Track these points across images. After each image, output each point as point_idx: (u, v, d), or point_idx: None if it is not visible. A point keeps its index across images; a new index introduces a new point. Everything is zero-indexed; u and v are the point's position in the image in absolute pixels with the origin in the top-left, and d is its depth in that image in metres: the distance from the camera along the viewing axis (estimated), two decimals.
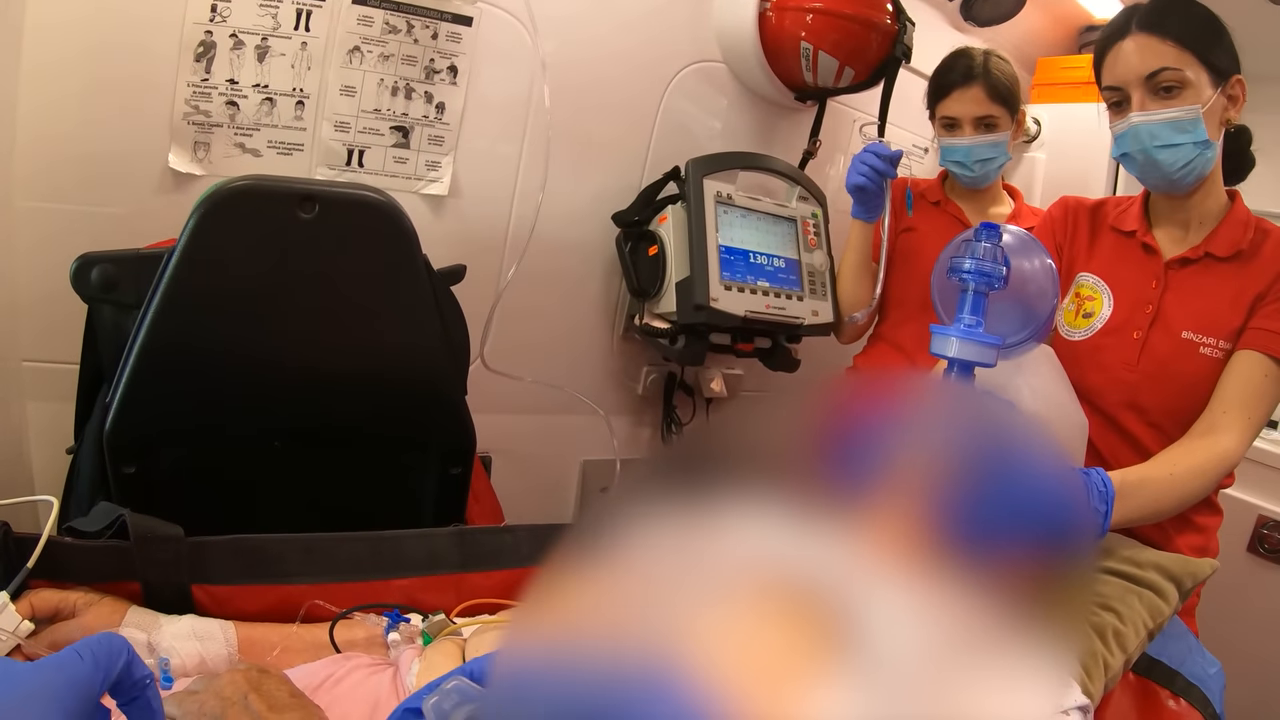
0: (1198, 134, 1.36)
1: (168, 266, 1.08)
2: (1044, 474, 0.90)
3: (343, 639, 0.96)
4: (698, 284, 1.70)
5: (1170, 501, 1.33)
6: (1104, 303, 1.52)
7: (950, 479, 0.78)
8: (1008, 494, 0.79)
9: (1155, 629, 1.27)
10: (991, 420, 0.90)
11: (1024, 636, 0.81)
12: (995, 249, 0.94)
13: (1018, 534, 0.80)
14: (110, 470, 1.15)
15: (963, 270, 0.95)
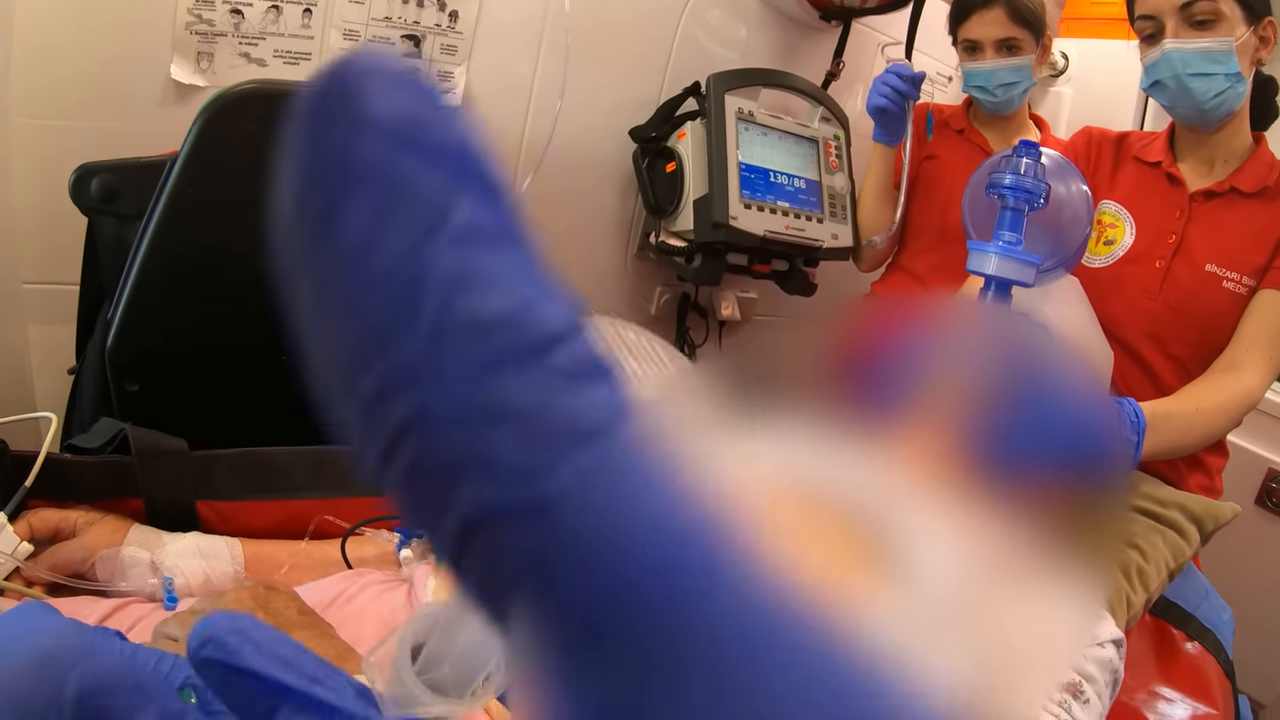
0: (1230, 66, 1.35)
1: (170, 174, 1.04)
2: (1080, 400, 0.88)
3: (354, 556, 0.93)
4: (716, 201, 1.66)
5: (1195, 436, 1.33)
6: (1126, 231, 1.51)
7: (987, 401, 0.76)
8: (1044, 417, 0.77)
9: (1176, 569, 1.26)
10: (1028, 342, 0.87)
11: (1059, 565, 0.78)
12: (1036, 165, 0.90)
13: (1053, 459, 0.77)
14: (113, 388, 1.11)
15: (1003, 186, 0.91)
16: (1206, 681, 1.24)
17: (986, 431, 0.76)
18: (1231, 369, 1.40)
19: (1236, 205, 1.46)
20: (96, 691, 0.27)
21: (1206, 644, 1.33)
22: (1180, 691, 1.21)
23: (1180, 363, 1.48)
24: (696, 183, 1.72)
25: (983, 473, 0.74)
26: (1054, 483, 0.80)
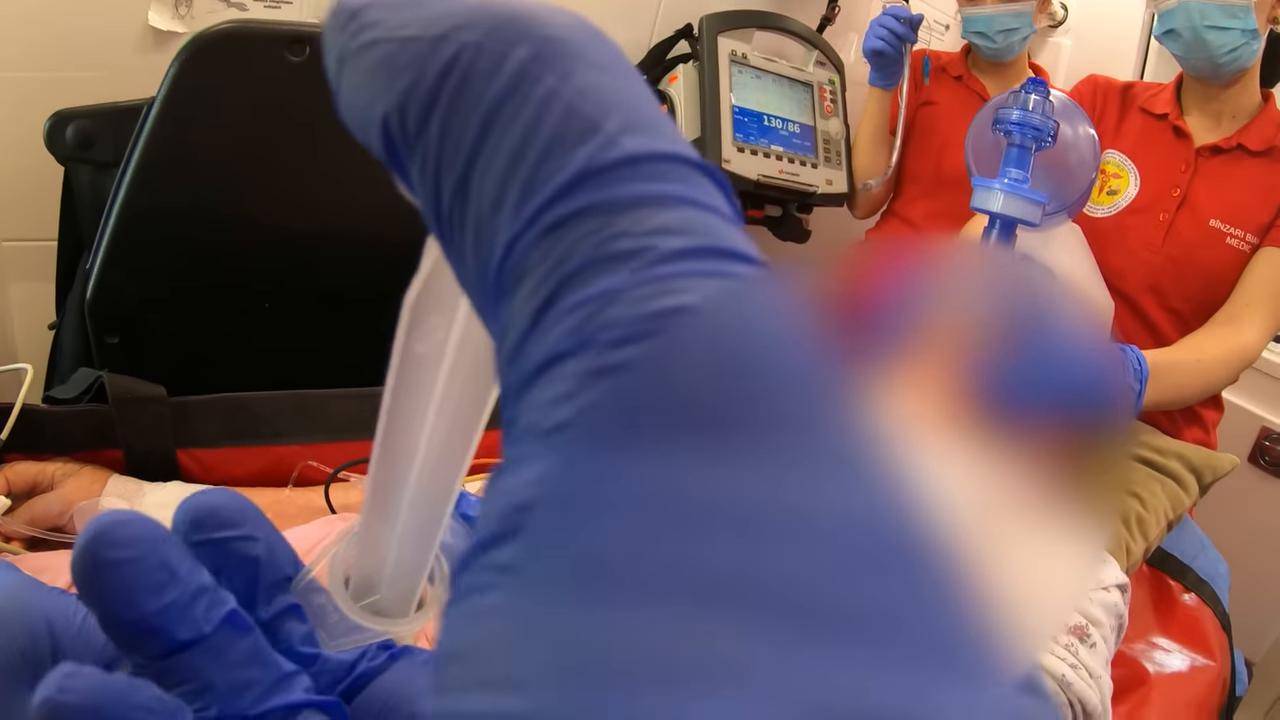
0: (1248, 22, 1.33)
1: (147, 119, 1.00)
2: (1084, 344, 0.86)
3: (338, 503, 0.91)
4: (709, 144, 1.63)
5: (1195, 388, 1.32)
6: (1130, 181, 1.50)
7: (991, 342, 0.74)
8: (1048, 360, 0.75)
9: (1175, 520, 1.25)
10: (1033, 285, 0.85)
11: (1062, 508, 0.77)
12: (1045, 102, 0.88)
13: (1056, 403, 0.76)
14: (93, 341, 1.09)
15: (1010, 121, 0.89)
16: (1204, 634, 1.24)
17: (990, 373, 0.74)
18: (1231, 323, 1.40)
19: (1243, 163, 1.45)
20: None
21: (1204, 596, 1.33)
22: (1178, 643, 1.21)
23: (1180, 316, 1.48)
24: (689, 127, 1.69)
25: (986, 414, 0.73)
26: (1057, 426, 0.79)
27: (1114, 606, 0.80)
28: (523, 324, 0.15)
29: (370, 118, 0.18)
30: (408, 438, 0.25)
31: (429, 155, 0.16)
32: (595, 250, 0.15)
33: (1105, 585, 0.80)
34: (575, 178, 0.15)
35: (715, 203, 0.16)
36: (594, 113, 0.16)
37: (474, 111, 0.16)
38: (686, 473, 0.13)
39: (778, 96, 1.76)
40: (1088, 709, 0.79)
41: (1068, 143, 1.01)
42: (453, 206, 0.16)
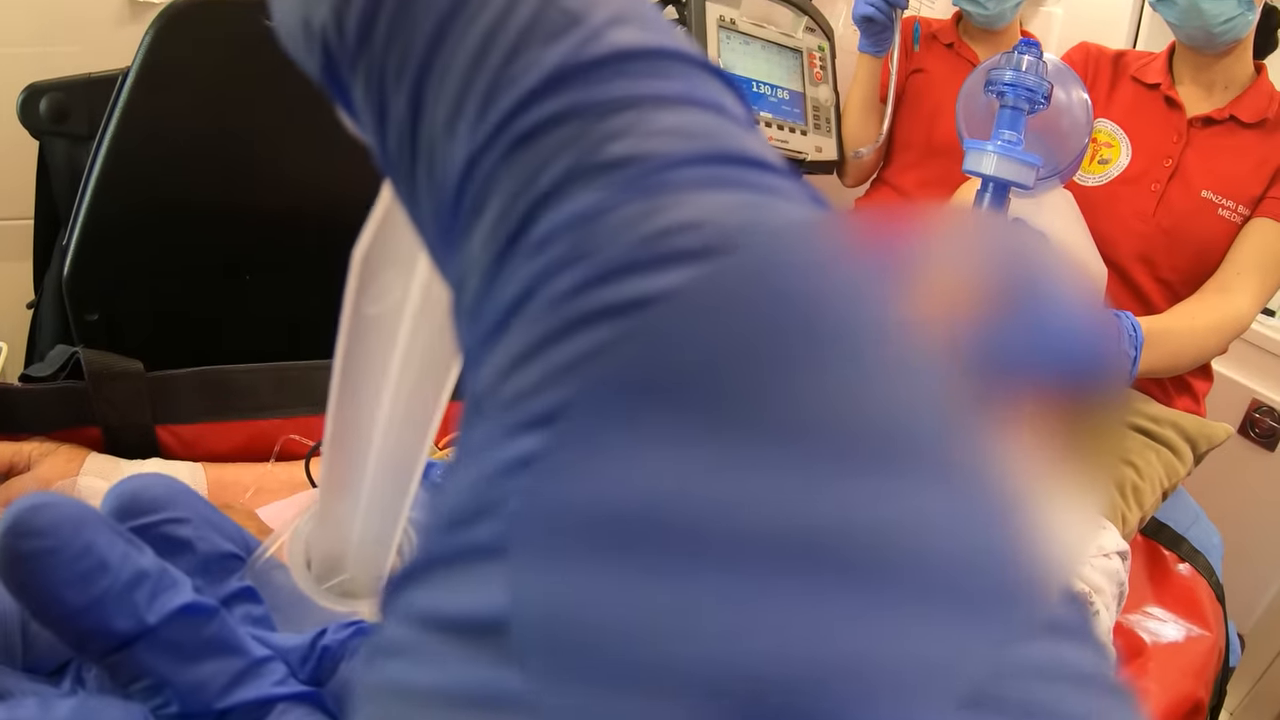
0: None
1: (122, 89, 0.98)
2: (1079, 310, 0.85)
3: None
4: None
5: (1189, 355, 1.32)
6: (1122, 151, 1.49)
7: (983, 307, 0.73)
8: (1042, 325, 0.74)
9: (1169, 489, 1.25)
10: (1025, 248, 0.84)
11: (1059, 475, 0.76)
12: (1038, 63, 0.86)
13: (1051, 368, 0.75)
14: (72, 319, 1.06)
15: (1002, 83, 0.87)
16: (1199, 604, 1.23)
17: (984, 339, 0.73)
18: (1222, 291, 1.40)
19: (1235, 134, 1.44)
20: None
21: (1198, 566, 1.32)
22: (1173, 613, 1.20)
23: (1170, 286, 1.48)
24: None
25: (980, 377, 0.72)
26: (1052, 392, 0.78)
27: (1115, 573, 0.79)
28: (484, 265, 0.12)
29: (307, 32, 0.15)
30: (363, 410, 0.22)
31: (373, 70, 0.14)
32: (576, 160, 0.12)
33: (1106, 552, 0.79)
34: (551, 76, 0.12)
35: (725, 103, 0.13)
36: (575, 3, 0.13)
37: (427, 10, 0.13)
38: (719, 492, 0.10)
39: (766, 63, 1.74)
40: None
41: (1061, 106, 1.00)
42: (403, 130, 0.13)
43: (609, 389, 0.10)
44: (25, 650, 0.24)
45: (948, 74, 1.76)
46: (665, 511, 0.09)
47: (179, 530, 0.24)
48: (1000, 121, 0.87)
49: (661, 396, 0.10)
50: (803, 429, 0.10)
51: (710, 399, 0.10)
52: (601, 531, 0.10)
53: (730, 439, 0.10)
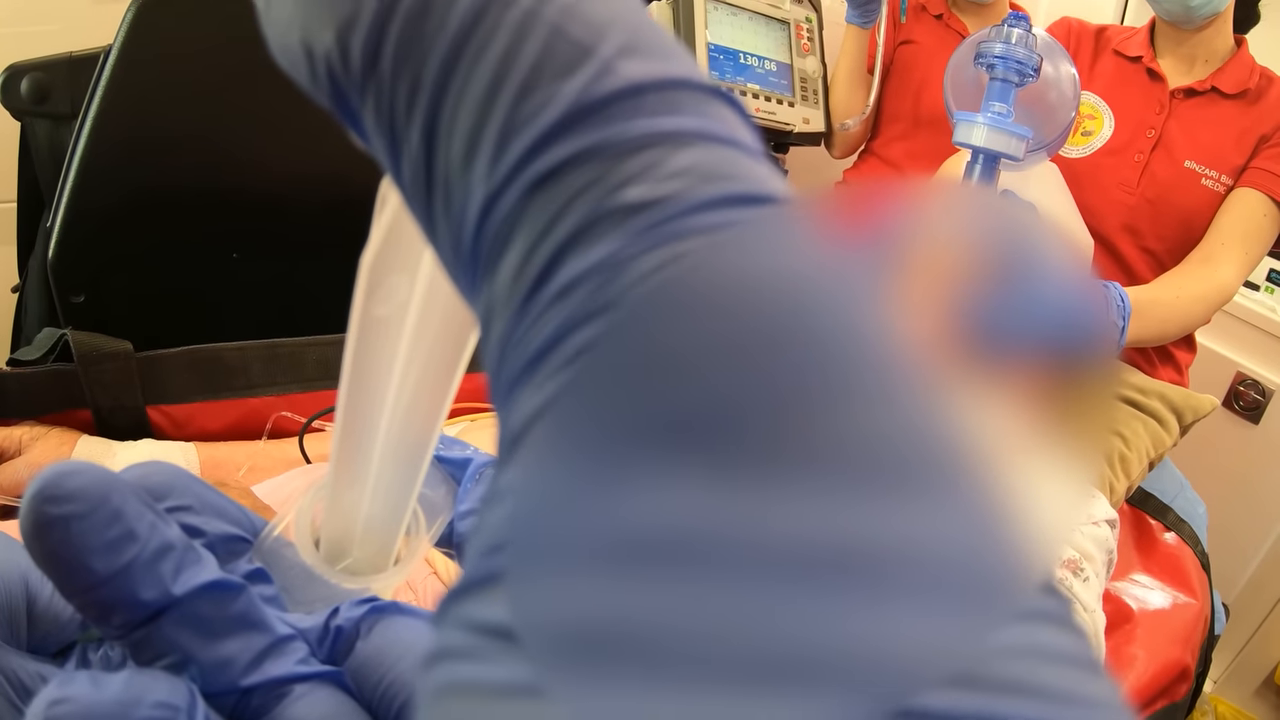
0: None
1: (105, 67, 0.97)
2: (1068, 280, 0.85)
3: (314, 453, 0.89)
4: None
5: (1175, 325, 1.34)
6: (1105, 123, 1.50)
7: (974, 279, 0.73)
8: (1032, 296, 0.74)
9: (1156, 459, 1.26)
10: (1015, 220, 0.84)
11: (1049, 444, 0.77)
12: (1028, 36, 0.86)
13: (1041, 339, 0.75)
14: (58, 302, 1.05)
15: (992, 55, 0.87)
16: (1185, 572, 1.25)
17: (974, 310, 0.73)
18: (1207, 262, 1.40)
19: (1217, 105, 1.45)
20: None
21: (1183, 535, 1.34)
22: (1160, 580, 1.22)
23: (1155, 256, 1.49)
24: None
25: (972, 351, 0.72)
26: (1042, 362, 0.78)
27: (1104, 541, 0.80)
28: (509, 309, 0.12)
29: (310, 59, 0.14)
30: (373, 406, 0.23)
31: (382, 100, 0.14)
32: (595, 206, 0.12)
33: (1095, 520, 0.80)
34: (566, 115, 0.12)
35: (738, 135, 0.13)
36: (584, 34, 0.13)
37: (434, 42, 0.13)
38: (682, 504, 0.11)
39: (754, 34, 1.73)
40: None
41: (1049, 80, 1.00)
42: (417, 162, 0.13)
43: (632, 431, 0.11)
44: (31, 630, 0.24)
45: (936, 45, 1.75)
46: (686, 534, 0.10)
47: (184, 518, 0.23)
48: (990, 94, 0.87)
49: (686, 435, 0.11)
50: (801, 461, 0.11)
51: (732, 437, 0.11)
52: (624, 552, 0.11)
53: (745, 475, 0.11)
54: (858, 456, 0.11)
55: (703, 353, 0.11)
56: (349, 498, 0.25)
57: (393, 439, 0.23)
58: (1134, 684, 1.02)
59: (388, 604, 0.25)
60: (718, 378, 0.11)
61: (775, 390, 0.11)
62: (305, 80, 0.15)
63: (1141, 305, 1.20)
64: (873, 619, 0.10)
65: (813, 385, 0.11)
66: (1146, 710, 1.02)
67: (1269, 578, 2.02)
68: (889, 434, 0.11)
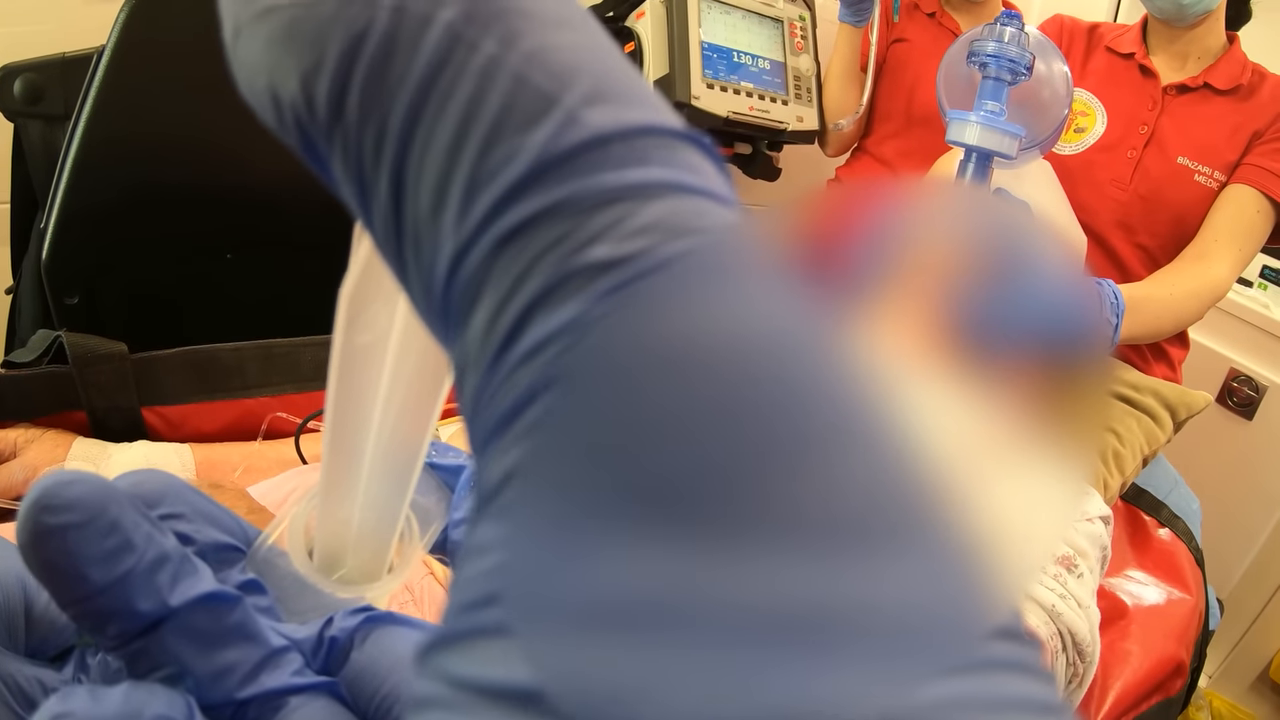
0: None
1: (98, 67, 0.97)
2: (1062, 278, 0.86)
3: (310, 454, 0.89)
4: (678, 80, 1.59)
5: (1169, 321, 1.34)
6: (1098, 119, 1.51)
7: (969, 277, 0.73)
8: (1027, 294, 0.75)
9: (1150, 456, 1.26)
10: (1009, 219, 0.84)
11: (1044, 442, 0.77)
12: (1020, 34, 0.86)
13: (1035, 336, 0.75)
14: (52, 304, 1.05)
15: (985, 54, 0.87)
16: (1179, 568, 1.25)
17: (970, 308, 0.74)
18: (1200, 258, 1.40)
19: (1210, 101, 1.45)
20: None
21: (1178, 531, 1.34)
22: (1154, 576, 1.22)
23: (1148, 253, 1.49)
24: (656, 63, 1.65)
25: (967, 350, 0.72)
26: (1037, 360, 0.78)
27: (1098, 537, 0.80)
28: (480, 367, 0.12)
29: (276, 105, 0.15)
30: (360, 425, 0.23)
31: (349, 147, 0.14)
32: (560, 265, 0.12)
33: (1089, 516, 0.80)
34: (531, 170, 0.12)
35: (707, 183, 0.13)
36: (548, 83, 0.13)
37: (399, 90, 0.13)
38: (651, 569, 0.11)
39: (747, 32, 1.73)
40: (1077, 638, 0.80)
41: (1041, 78, 1.00)
42: (386, 211, 0.13)
43: (591, 504, 0.11)
44: (29, 634, 0.24)
45: (929, 44, 1.75)
46: (644, 602, 0.11)
47: (176, 525, 0.23)
48: (983, 92, 0.87)
49: (653, 501, 0.11)
50: (755, 527, 0.11)
51: (687, 506, 0.11)
52: (603, 617, 0.11)
53: (702, 543, 0.11)
54: (813, 519, 0.11)
55: (654, 424, 0.11)
56: (341, 508, 0.24)
57: (381, 453, 0.23)
58: (1129, 680, 1.02)
59: (382, 614, 0.25)
60: (669, 449, 0.11)
61: (728, 457, 0.11)
62: (273, 124, 0.15)
63: (1135, 302, 1.21)
64: (815, 680, 0.10)
65: (766, 450, 0.11)
66: (1142, 706, 1.03)
67: (1263, 573, 2.02)
68: (846, 493, 0.11)
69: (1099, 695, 0.99)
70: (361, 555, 0.25)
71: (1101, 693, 0.99)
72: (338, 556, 0.25)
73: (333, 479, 0.24)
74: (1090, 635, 0.80)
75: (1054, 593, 0.78)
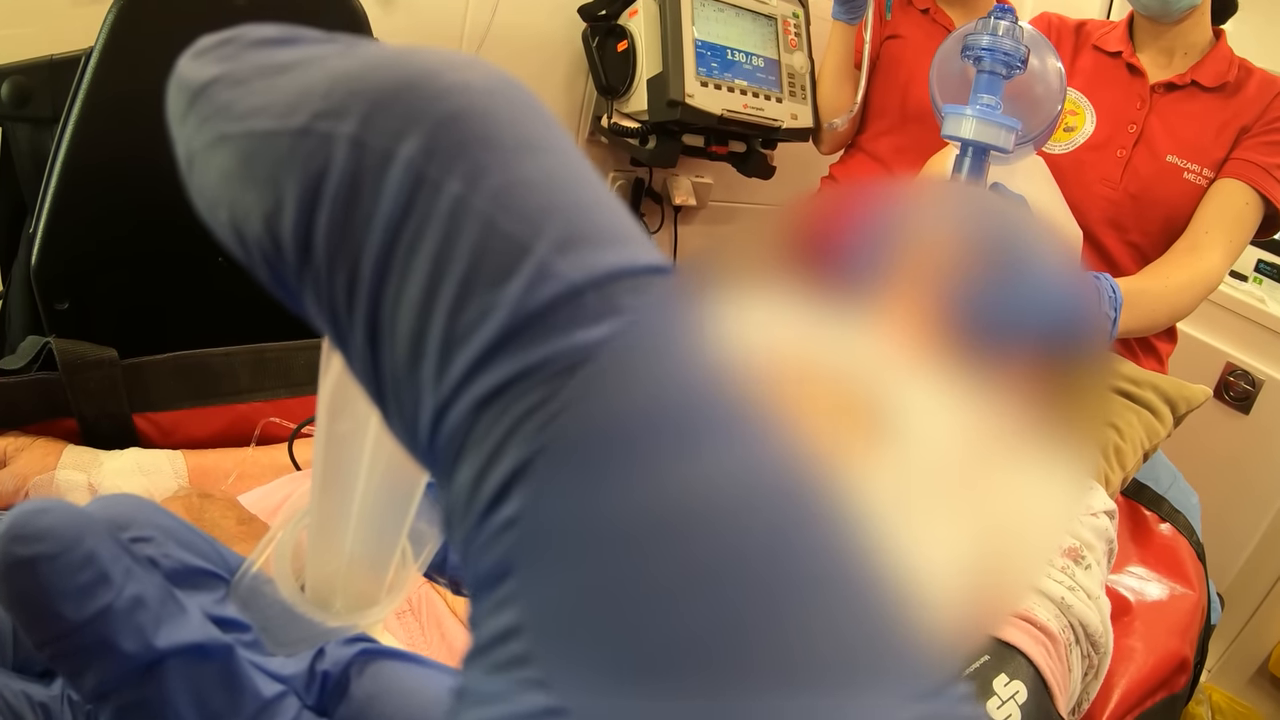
0: None
1: (86, 69, 0.96)
2: (1059, 273, 0.85)
3: (304, 459, 0.88)
4: (672, 79, 1.59)
5: (1164, 314, 1.35)
6: (1087, 119, 1.52)
7: (967, 273, 0.73)
8: (1025, 289, 0.74)
9: (1150, 450, 1.26)
10: (1005, 214, 0.84)
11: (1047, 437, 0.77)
12: (1014, 28, 0.86)
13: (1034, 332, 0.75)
14: (42, 309, 1.04)
15: (979, 48, 0.86)
16: (1181, 563, 1.25)
17: (968, 303, 0.73)
18: (1192, 250, 1.42)
19: (1197, 98, 1.46)
20: None
21: (1178, 526, 1.34)
22: (1156, 572, 1.22)
23: (1139, 250, 1.50)
24: (650, 61, 1.65)
25: (965, 345, 0.72)
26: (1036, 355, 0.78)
27: (1104, 531, 0.80)
28: (466, 526, 0.12)
29: (242, 244, 0.14)
30: (353, 458, 0.22)
31: (321, 290, 0.13)
32: (540, 433, 0.12)
33: (1094, 511, 0.80)
34: (505, 330, 0.12)
35: (677, 329, 0.13)
36: (517, 228, 0.12)
37: (365, 234, 0.12)
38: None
39: (741, 30, 1.73)
40: (1089, 630, 0.80)
41: (1035, 73, 0.99)
42: (364, 359, 0.13)
43: (591, 670, 0.11)
44: (16, 647, 0.23)
45: (923, 39, 1.74)
46: None
47: (144, 549, 0.22)
48: (978, 86, 0.87)
49: (644, 671, 0.11)
50: (750, 682, 0.11)
51: (683, 671, 0.11)
52: None
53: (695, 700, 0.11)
54: (796, 665, 0.11)
55: (628, 599, 0.11)
56: (333, 533, 0.23)
57: (379, 476, 0.22)
58: (1133, 677, 1.02)
59: (377, 647, 0.24)
60: (649, 621, 0.11)
61: (704, 625, 0.11)
62: (240, 257, 0.14)
63: (1131, 295, 1.21)
64: None
65: (741, 615, 0.11)
66: (1147, 703, 1.02)
67: (1262, 567, 2.03)
68: (825, 641, 0.11)
69: (1104, 693, 0.98)
70: (354, 581, 0.24)
71: (1106, 690, 0.99)
72: (329, 583, 0.24)
73: (325, 504, 0.22)
74: (1103, 626, 0.80)
75: (1062, 585, 0.78)
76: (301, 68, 0.14)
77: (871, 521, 0.12)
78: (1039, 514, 0.69)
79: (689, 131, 1.71)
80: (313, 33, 0.15)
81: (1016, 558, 0.67)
